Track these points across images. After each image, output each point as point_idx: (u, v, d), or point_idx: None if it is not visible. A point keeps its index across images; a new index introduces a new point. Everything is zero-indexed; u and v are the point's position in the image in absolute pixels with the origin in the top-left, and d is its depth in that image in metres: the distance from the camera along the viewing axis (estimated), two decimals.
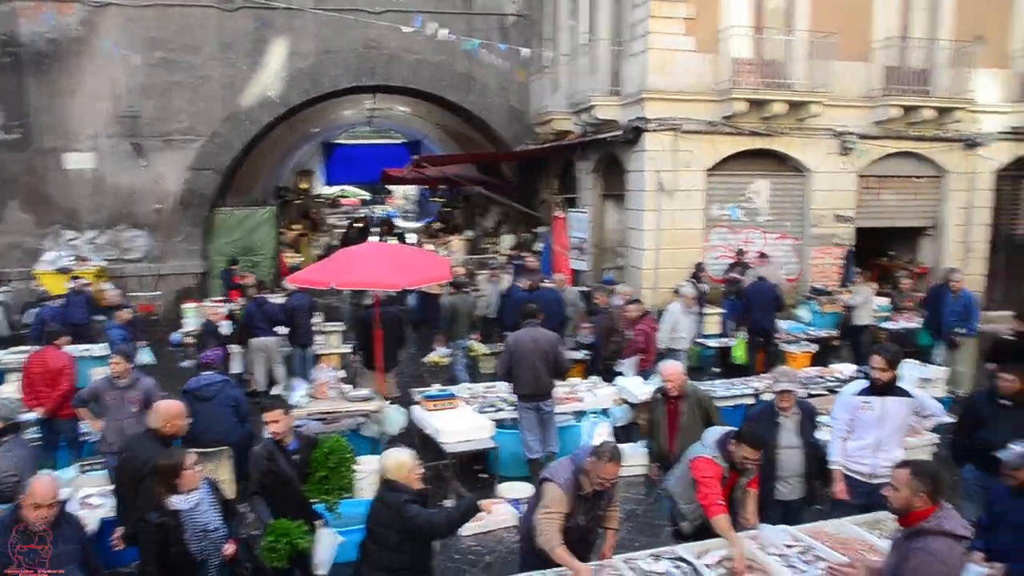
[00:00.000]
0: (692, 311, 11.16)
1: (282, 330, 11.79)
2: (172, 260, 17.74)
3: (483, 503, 4.69)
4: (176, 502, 4.54)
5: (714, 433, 5.46)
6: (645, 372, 10.10)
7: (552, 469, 5.12)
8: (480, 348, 12.05)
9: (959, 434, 6.40)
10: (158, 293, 17.11)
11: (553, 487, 4.90)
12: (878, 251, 17.24)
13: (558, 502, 4.85)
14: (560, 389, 8.83)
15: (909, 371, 9.91)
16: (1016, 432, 5.45)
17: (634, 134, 14.24)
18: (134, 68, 16.83)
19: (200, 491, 4.65)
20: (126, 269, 17.43)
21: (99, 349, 11.83)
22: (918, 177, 16.06)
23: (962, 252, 16.21)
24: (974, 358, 11.18)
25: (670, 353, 10.77)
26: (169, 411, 5.57)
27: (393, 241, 22.45)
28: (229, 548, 4.67)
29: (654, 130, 14.02)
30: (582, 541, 5.04)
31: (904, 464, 4.02)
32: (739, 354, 12.10)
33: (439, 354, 11.53)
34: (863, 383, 6.13)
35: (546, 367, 8.16)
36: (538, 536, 4.84)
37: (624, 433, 9.45)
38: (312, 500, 5.56)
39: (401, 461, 4.75)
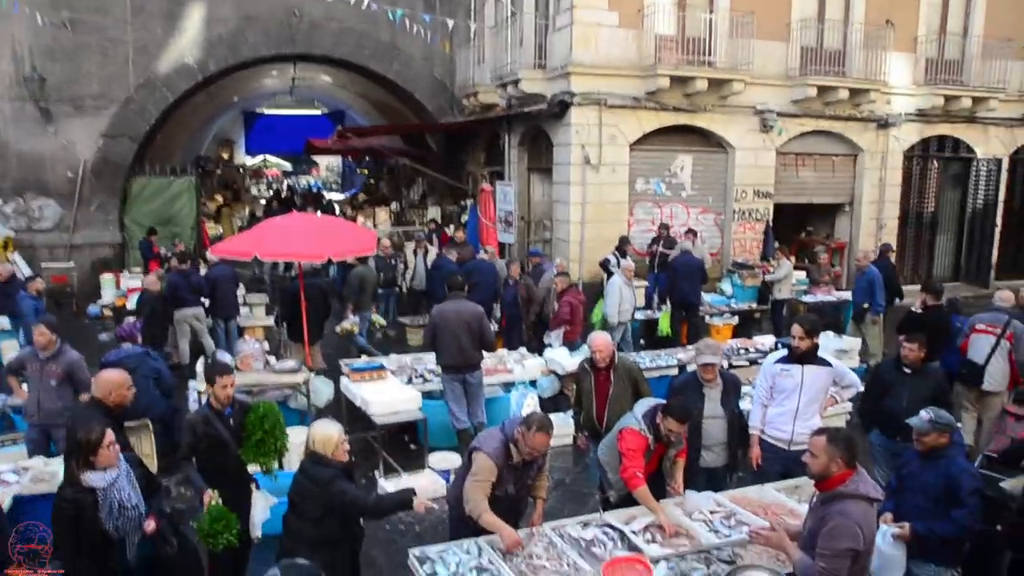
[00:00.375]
0: (632, 283, 11.26)
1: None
2: (86, 230, 17.04)
3: (417, 503, 4.66)
4: (92, 479, 4.38)
5: (644, 404, 5.55)
6: (571, 344, 10.22)
7: (481, 438, 5.16)
8: (379, 319, 12.27)
9: (866, 401, 6.75)
10: (71, 264, 16.43)
11: (482, 456, 4.94)
12: (797, 226, 17.81)
13: (486, 470, 4.89)
14: (488, 360, 8.86)
15: (825, 342, 10.28)
16: (915, 398, 5.84)
17: (560, 108, 14.30)
18: (38, 29, 15.91)
19: (118, 468, 4.49)
20: (36, 239, 16.67)
21: (2, 321, 11.36)
22: (835, 155, 16.63)
23: (875, 228, 16.89)
24: (881, 332, 11.66)
25: (618, 326, 10.98)
26: (111, 381, 5.33)
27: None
28: (150, 524, 4.55)
29: (580, 104, 14.09)
30: (512, 510, 5.09)
31: (821, 431, 4.16)
32: (664, 326, 12.35)
33: (350, 322, 11.45)
34: (785, 352, 6.33)
35: (471, 339, 8.16)
36: (466, 504, 4.88)
37: (552, 404, 9.57)
38: (247, 463, 5.53)
39: (328, 435, 4.70)
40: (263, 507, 5.44)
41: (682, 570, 4.46)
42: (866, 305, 11.34)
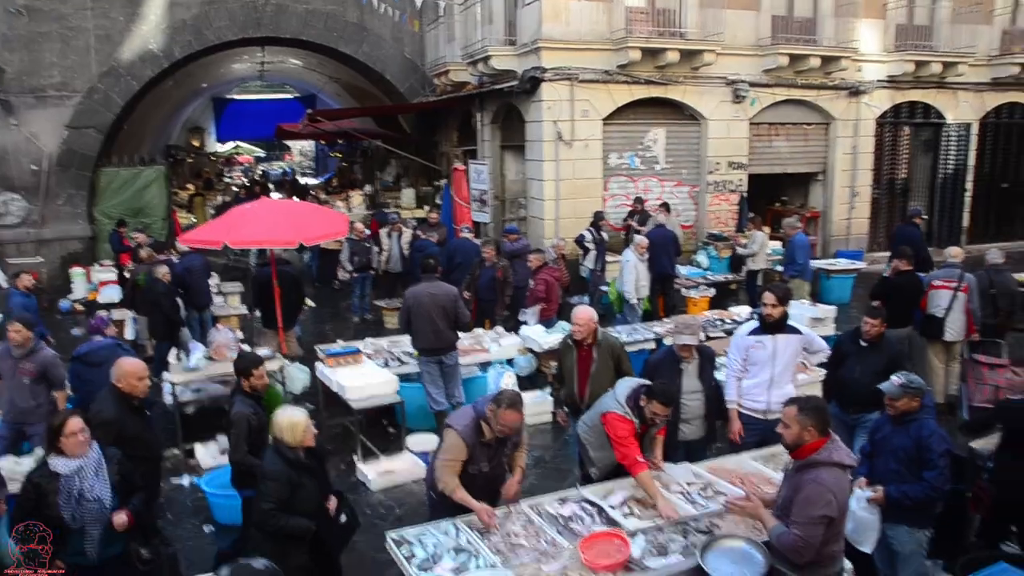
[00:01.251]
0: (644, 258, 11.21)
1: None
2: (54, 224, 16.76)
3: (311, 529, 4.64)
4: (57, 464, 4.39)
5: (625, 386, 5.47)
6: (547, 321, 10.19)
7: (454, 416, 5.15)
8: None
9: (827, 369, 6.85)
10: (40, 260, 16.17)
11: (452, 433, 4.92)
12: (771, 197, 17.86)
13: (456, 448, 4.88)
14: (464, 340, 8.82)
15: (800, 310, 10.35)
16: (866, 371, 5.97)
17: (531, 84, 14.20)
18: None
19: (87, 458, 4.47)
20: (3, 235, 16.38)
21: None
22: (807, 124, 16.66)
23: (848, 196, 16.97)
24: (804, 294, 11.96)
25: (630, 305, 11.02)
26: (123, 368, 5.34)
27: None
28: (120, 517, 4.50)
29: (551, 80, 14.00)
30: (487, 488, 5.07)
31: (791, 401, 4.17)
32: (613, 300, 12.27)
33: None
34: (755, 323, 6.35)
35: (446, 321, 8.12)
36: (438, 483, 4.88)
37: (529, 382, 9.56)
38: None
39: (295, 421, 4.66)
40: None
41: (660, 542, 4.47)
42: (779, 268, 11.80)
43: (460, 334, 8.48)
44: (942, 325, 8.65)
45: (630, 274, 10.97)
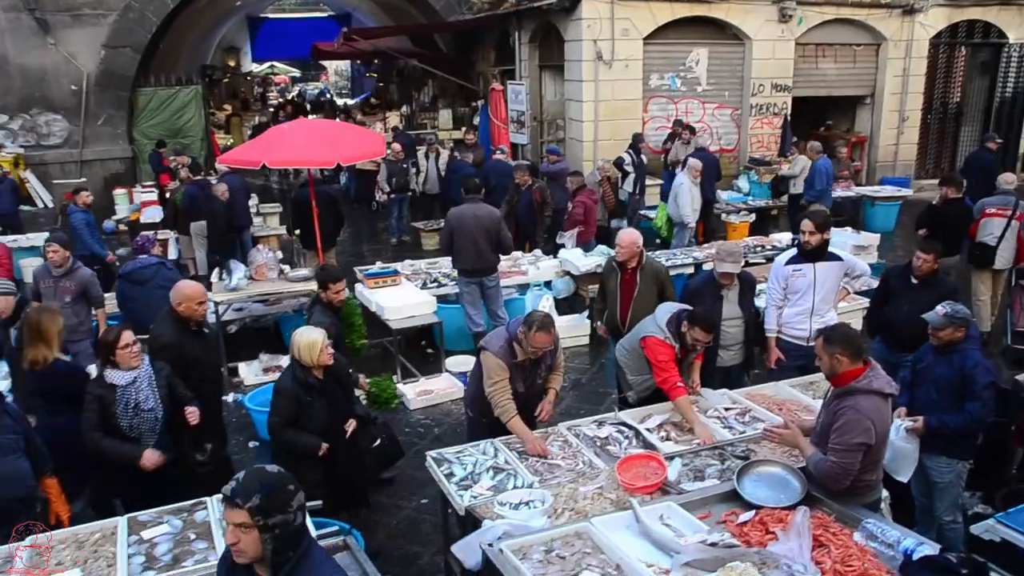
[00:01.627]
0: (697, 182, 11.04)
1: None
2: (95, 145, 16.88)
3: (322, 449, 4.73)
4: (112, 376, 4.56)
5: (666, 311, 5.42)
6: (585, 244, 10.14)
7: (488, 338, 5.18)
8: None
9: (872, 305, 6.58)
10: (83, 180, 16.34)
11: (489, 355, 4.97)
12: (816, 121, 17.36)
13: (498, 368, 4.93)
14: (503, 263, 8.83)
15: (844, 238, 10.18)
16: (915, 310, 5.33)
17: (571, 1, 13.79)
18: None
19: (140, 370, 4.63)
20: (46, 156, 16.55)
21: (28, 239, 11.43)
22: (856, 45, 16.03)
23: (897, 121, 16.43)
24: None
25: (682, 228, 10.87)
26: (182, 291, 5.35)
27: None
28: (192, 414, 4.73)
29: None
30: (523, 409, 5.10)
31: (819, 333, 4.12)
32: (661, 224, 12.11)
33: None
34: (794, 252, 6.24)
35: (488, 243, 8.12)
36: (495, 409, 4.93)
37: (567, 305, 9.58)
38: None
39: (312, 340, 4.73)
40: None
41: (696, 466, 4.50)
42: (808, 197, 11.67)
43: (501, 257, 8.47)
44: (993, 253, 8.49)
45: (685, 197, 10.77)
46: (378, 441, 5.20)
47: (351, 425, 4.95)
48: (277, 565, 2.49)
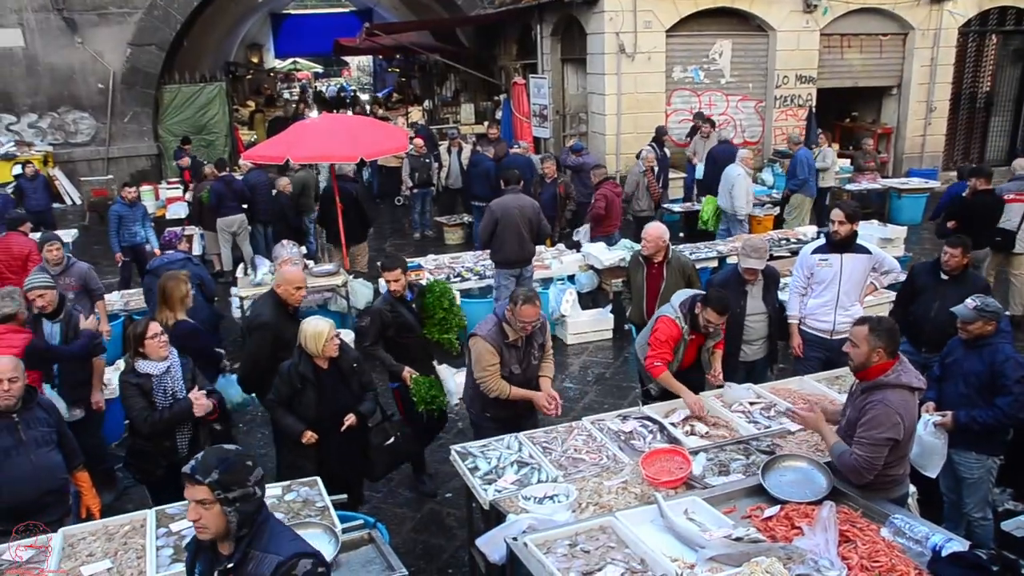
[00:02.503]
0: (750, 171, 10.98)
1: None
2: (122, 142, 17.11)
3: (304, 436, 4.79)
4: (144, 366, 4.63)
5: (683, 294, 5.47)
6: (608, 237, 10.10)
7: (478, 325, 5.20)
8: None
9: (897, 303, 6.41)
10: (110, 177, 16.57)
11: (478, 340, 5.02)
12: (840, 112, 17.17)
13: (486, 353, 4.98)
14: None
15: (870, 230, 10.07)
16: (944, 307, 5.24)
17: None
18: None
19: (170, 360, 4.71)
20: (74, 153, 16.81)
21: (64, 235, 11.57)
22: (883, 35, 15.80)
23: (924, 112, 16.19)
24: (804, 210, 11.82)
25: (734, 222, 10.95)
26: (284, 275, 5.53)
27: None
28: (205, 401, 4.74)
29: None
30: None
31: (862, 321, 4.02)
32: (707, 217, 12.02)
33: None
34: (821, 241, 6.19)
35: (530, 232, 8.16)
36: (489, 392, 5.02)
37: (591, 299, 9.56)
38: (433, 340, 5.95)
39: (319, 331, 4.78)
40: (450, 376, 5.91)
41: (721, 461, 4.48)
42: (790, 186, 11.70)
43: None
44: (1014, 238, 8.54)
45: (741, 189, 10.77)
46: (391, 440, 5.19)
47: (349, 419, 4.92)
48: (239, 538, 2.59)
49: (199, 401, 4.66)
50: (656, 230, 6.38)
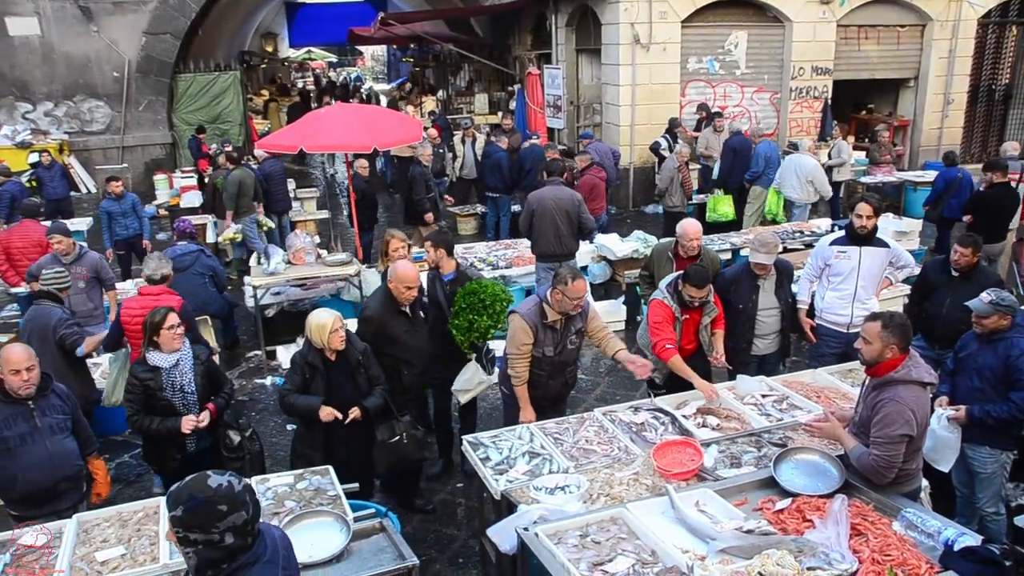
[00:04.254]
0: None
1: None
2: (136, 131, 17.18)
3: (323, 411, 4.76)
4: (155, 358, 4.65)
5: (668, 277, 5.63)
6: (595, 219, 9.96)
7: (519, 304, 5.23)
8: (267, 221, 11.30)
9: (910, 300, 6.40)
10: (125, 166, 16.66)
11: (516, 318, 5.05)
12: (856, 104, 17.03)
13: (521, 332, 5.00)
14: None
15: (885, 224, 10.00)
16: (956, 304, 5.27)
17: None
18: None
19: (181, 353, 4.72)
20: (89, 142, 16.90)
21: (73, 224, 11.63)
22: (900, 26, 15.64)
23: (941, 104, 16.04)
24: (759, 204, 11.72)
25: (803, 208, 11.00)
26: (396, 272, 5.38)
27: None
28: (204, 415, 4.73)
29: None
30: (556, 373, 5.21)
31: (874, 316, 3.99)
32: (725, 210, 11.91)
33: (232, 231, 10.79)
34: (840, 233, 6.15)
35: (569, 226, 7.97)
36: (510, 370, 5.07)
37: (603, 290, 9.54)
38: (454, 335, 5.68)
39: (322, 323, 4.80)
40: (469, 376, 5.68)
41: (732, 453, 4.48)
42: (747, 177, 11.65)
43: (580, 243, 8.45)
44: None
45: (822, 174, 10.97)
46: (397, 438, 5.16)
47: (353, 412, 4.88)
48: None
49: (188, 423, 4.65)
50: (697, 229, 6.28)
